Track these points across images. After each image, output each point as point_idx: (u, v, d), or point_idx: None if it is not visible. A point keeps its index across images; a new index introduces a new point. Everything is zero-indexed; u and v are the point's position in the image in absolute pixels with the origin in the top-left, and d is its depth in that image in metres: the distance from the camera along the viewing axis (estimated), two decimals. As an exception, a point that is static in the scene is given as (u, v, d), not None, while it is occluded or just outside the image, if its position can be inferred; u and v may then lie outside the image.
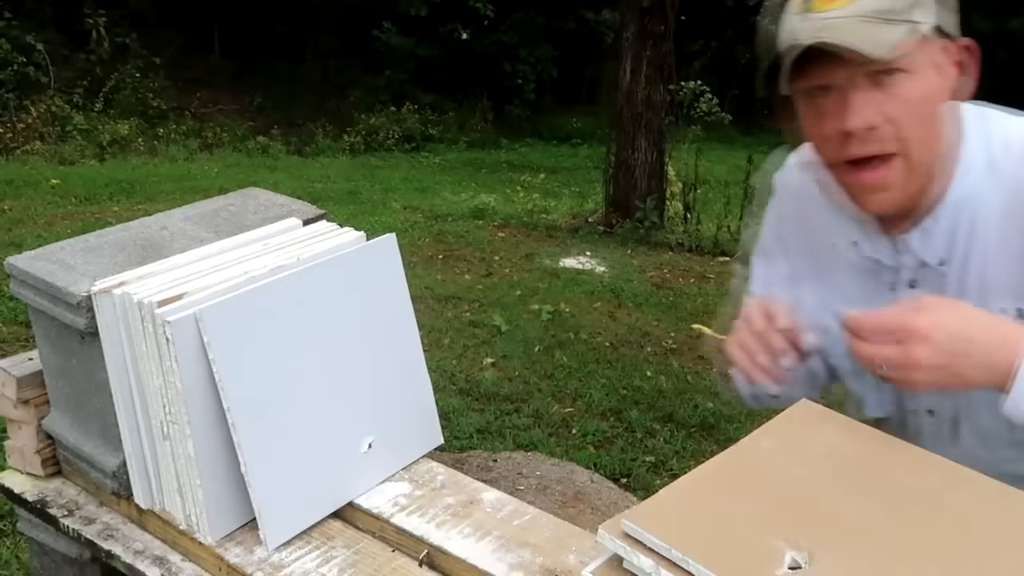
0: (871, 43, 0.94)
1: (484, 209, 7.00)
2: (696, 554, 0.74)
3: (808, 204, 1.23)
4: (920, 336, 0.87)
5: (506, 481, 2.12)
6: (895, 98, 0.97)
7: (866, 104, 0.97)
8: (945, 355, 0.87)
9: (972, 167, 1.04)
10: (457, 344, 4.14)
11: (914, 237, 1.07)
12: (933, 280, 1.08)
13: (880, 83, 0.97)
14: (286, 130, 10.45)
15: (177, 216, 1.26)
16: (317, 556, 1.03)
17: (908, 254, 1.09)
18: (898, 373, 0.90)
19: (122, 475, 1.11)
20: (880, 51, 0.94)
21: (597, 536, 0.82)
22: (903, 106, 0.98)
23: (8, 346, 3.63)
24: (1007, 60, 9.14)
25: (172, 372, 0.98)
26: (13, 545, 2.35)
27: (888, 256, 1.11)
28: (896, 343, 0.89)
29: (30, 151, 8.21)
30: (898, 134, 0.99)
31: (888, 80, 0.97)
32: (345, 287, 1.10)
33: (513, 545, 1.01)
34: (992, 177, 1.04)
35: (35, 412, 1.21)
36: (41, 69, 9.31)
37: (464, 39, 11.07)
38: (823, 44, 0.94)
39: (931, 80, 0.99)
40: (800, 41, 0.97)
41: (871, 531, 0.78)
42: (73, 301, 1.04)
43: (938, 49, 0.99)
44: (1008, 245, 1.03)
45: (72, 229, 5.31)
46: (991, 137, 1.06)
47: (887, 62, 0.95)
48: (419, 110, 10.97)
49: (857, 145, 0.99)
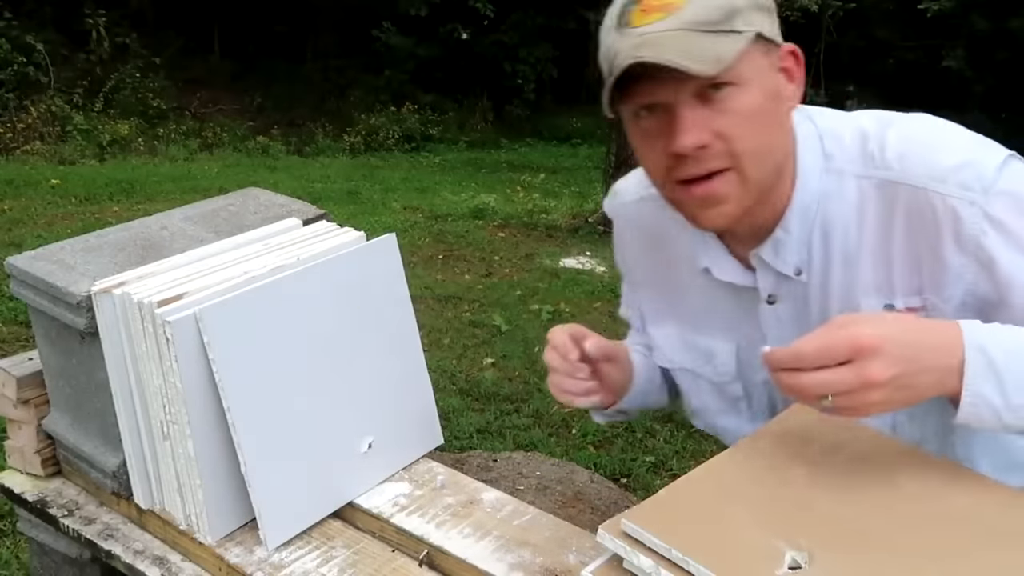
0: (694, 58, 0.88)
1: (484, 209, 7.00)
2: (696, 554, 0.74)
3: (650, 236, 1.19)
4: (871, 350, 0.79)
5: (506, 481, 2.12)
6: (725, 113, 0.92)
7: (695, 122, 0.92)
8: (900, 366, 0.79)
9: (811, 170, 1.01)
10: (457, 344, 4.14)
11: (766, 250, 1.03)
12: (794, 291, 1.05)
13: (708, 98, 0.91)
14: (286, 130, 10.45)
15: (177, 216, 1.26)
16: (317, 556, 1.03)
17: (763, 269, 1.05)
18: (850, 399, 0.80)
19: (122, 475, 1.11)
20: (704, 66, 0.88)
21: (597, 536, 0.82)
22: (734, 121, 0.92)
23: (8, 346, 3.63)
24: (1007, 60, 9.14)
25: (172, 372, 0.98)
26: (13, 545, 2.35)
27: (742, 277, 1.07)
28: (841, 366, 0.79)
29: (30, 151, 8.21)
30: (730, 149, 0.93)
31: (716, 95, 0.91)
32: (345, 287, 1.10)
33: (513, 545, 1.02)
34: (833, 176, 1.01)
35: (35, 412, 1.21)
36: (41, 69, 9.31)
37: (464, 39, 11.06)
38: (643, 63, 0.88)
39: (760, 90, 0.93)
40: (619, 61, 0.91)
41: (871, 531, 0.78)
42: (73, 301, 1.04)
43: (763, 57, 0.94)
44: (865, 241, 1.00)
45: (72, 229, 5.31)
46: (822, 136, 1.02)
47: (712, 77, 0.89)
48: (419, 110, 10.97)
49: (690, 165, 0.94)
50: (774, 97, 0.96)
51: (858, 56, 10.77)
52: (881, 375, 0.78)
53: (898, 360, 0.79)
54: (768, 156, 0.97)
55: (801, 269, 1.03)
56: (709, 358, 1.18)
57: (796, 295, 1.05)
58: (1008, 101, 9.25)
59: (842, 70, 10.39)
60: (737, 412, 1.20)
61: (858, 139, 1.01)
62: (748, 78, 0.92)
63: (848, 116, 1.05)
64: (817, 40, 10.53)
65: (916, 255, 0.97)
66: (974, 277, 0.94)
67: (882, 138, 0.99)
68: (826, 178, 1.01)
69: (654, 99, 0.93)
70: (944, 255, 0.95)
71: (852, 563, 0.74)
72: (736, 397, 1.18)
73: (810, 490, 0.83)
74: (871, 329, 0.80)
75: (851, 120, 1.04)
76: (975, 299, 0.95)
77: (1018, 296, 0.93)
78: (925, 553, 0.75)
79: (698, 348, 1.18)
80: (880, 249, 0.99)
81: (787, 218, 1.01)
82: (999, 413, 0.83)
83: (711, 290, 1.12)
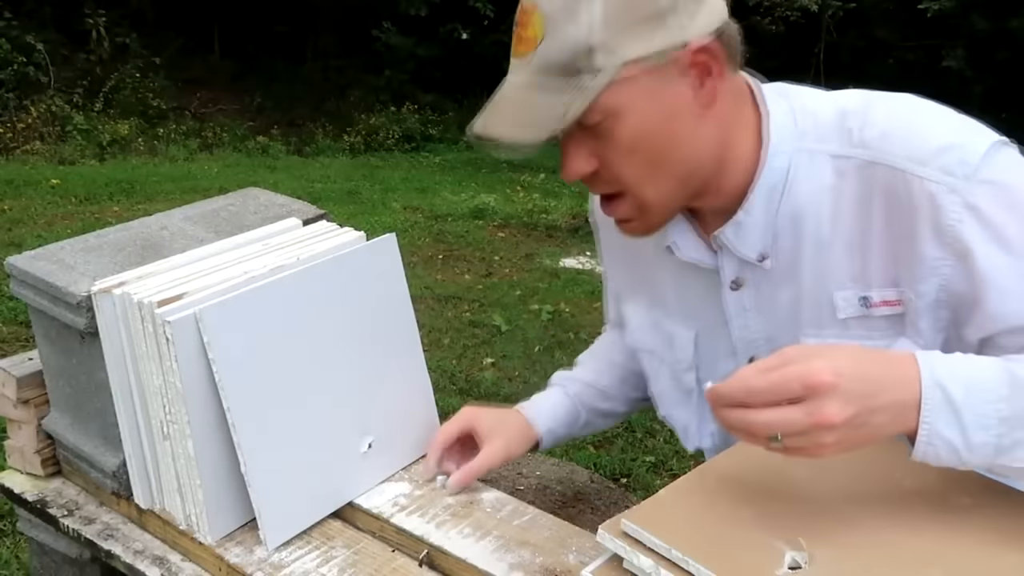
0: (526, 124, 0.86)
1: (484, 209, 7.00)
2: (696, 554, 0.74)
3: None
4: (826, 388, 0.71)
5: (506, 481, 2.12)
6: (606, 141, 0.90)
7: (576, 152, 0.91)
8: (855, 404, 0.72)
9: (780, 148, 0.95)
10: (457, 344, 4.14)
11: (727, 232, 0.98)
12: (760, 278, 1.00)
13: (589, 128, 0.89)
14: (286, 130, 10.44)
15: (177, 216, 1.26)
16: (317, 556, 1.03)
17: (726, 252, 1.01)
18: (802, 440, 0.73)
19: (122, 475, 1.11)
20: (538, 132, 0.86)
21: (597, 536, 0.82)
22: (615, 151, 0.90)
23: (8, 346, 3.63)
24: (1007, 60, 9.13)
25: (172, 372, 0.97)
26: (13, 545, 2.35)
27: (707, 257, 1.03)
28: (792, 404, 0.72)
29: (30, 151, 8.20)
30: (614, 176, 0.92)
31: (595, 127, 0.89)
32: (345, 287, 1.10)
33: (513, 545, 1.01)
34: (804, 155, 0.95)
35: (35, 412, 1.21)
36: (41, 69, 9.30)
37: (464, 39, 11.05)
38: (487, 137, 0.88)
39: (640, 117, 0.88)
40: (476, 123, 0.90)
41: (871, 531, 0.78)
42: (73, 301, 1.04)
43: (645, 77, 0.87)
44: (840, 228, 0.93)
45: (72, 229, 5.31)
46: (795, 112, 0.96)
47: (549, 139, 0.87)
48: (419, 110, 10.95)
49: (589, 186, 0.96)
50: (665, 116, 0.90)
51: (858, 56, 10.76)
52: (836, 416, 0.71)
53: (854, 397, 0.72)
54: (666, 175, 0.93)
55: (766, 255, 0.98)
56: (670, 342, 1.14)
57: (762, 281, 1.00)
58: (1008, 101, 9.25)
59: (842, 70, 10.38)
60: (687, 405, 1.16)
61: (836, 116, 0.95)
62: (623, 107, 0.88)
63: (827, 93, 0.99)
64: (817, 40, 10.53)
65: (894, 244, 0.91)
66: (950, 271, 0.87)
67: (864, 116, 0.93)
68: (798, 158, 0.95)
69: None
70: (920, 245, 0.88)
71: (852, 563, 0.74)
72: (688, 389, 1.14)
73: (810, 490, 0.83)
74: (825, 363, 0.72)
75: (830, 97, 0.98)
76: (949, 296, 0.89)
77: (994, 297, 0.86)
78: (926, 553, 0.75)
79: (662, 330, 1.14)
80: (857, 236, 0.93)
81: (750, 200, 0.96)
82: (958, 452, 0.76)
83: (675, 269, 1.08)
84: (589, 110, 0.86)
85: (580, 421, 1.27)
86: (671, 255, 1.07)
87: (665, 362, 1.16)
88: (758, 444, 0.75)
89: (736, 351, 1.07)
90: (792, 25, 10.14)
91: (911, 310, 0.91)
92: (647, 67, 0.87)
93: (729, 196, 0.97)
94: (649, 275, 1.14)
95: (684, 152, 0.93)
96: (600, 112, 0.87)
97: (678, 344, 1.13)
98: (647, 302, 1.16)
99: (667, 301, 1.13)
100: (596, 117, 0.87)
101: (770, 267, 0.99)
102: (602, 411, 1.30)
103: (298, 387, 1.05)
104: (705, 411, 1.15)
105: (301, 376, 1.05)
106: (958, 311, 0.89)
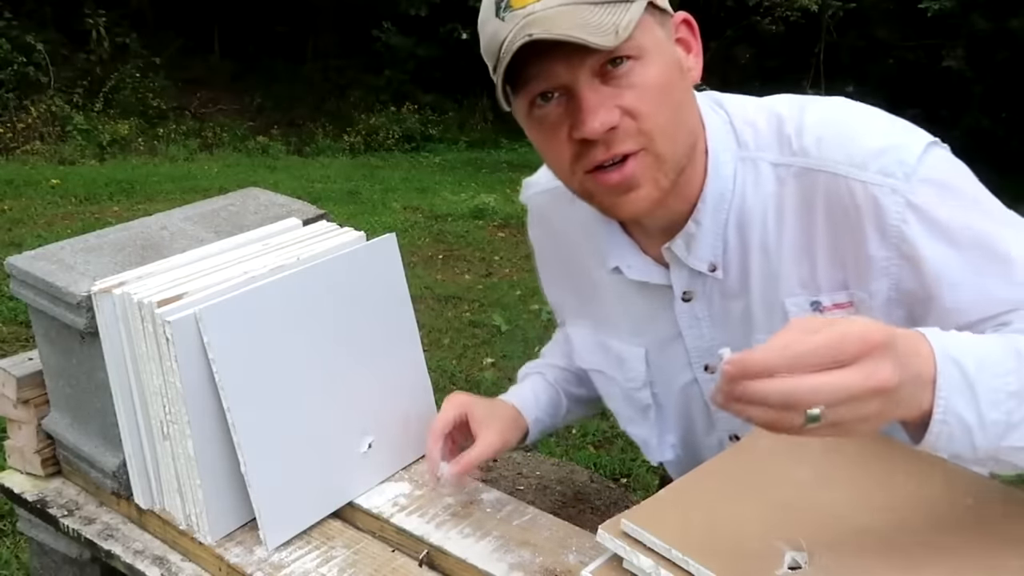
0: (591, 30, 0.79)
1: (484, 209, 6.99)
2: (696, 554, 0.74)
3: (560, 232, 1.13)
4: (884, 346, 0.63)
5: (506, 481, 2.12)
6: (630, 89, 0.84)
7: (600, 103, 0.84)
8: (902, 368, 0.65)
9: (723, 159, 0.94)
10: (457, 344, 4.14)
11: (678, 244, 0.97)
12: (710, 288, 1.00)
13: (608, 76, 0.84)
14: (286, 130, 10.44)
15: (177, 216, 1.26)
16: (317, 556, 1.03)
17: (676, 265, 0.99)
18: (848, 411, 0.63)
19: (122, 475, 1.11)
20: (604, 39, 0.79)
21: (597, 536, 0.82)
22: (641, 96, 0.84)
23: (8, 346, 3.63)
24: (1007, 60, 9.13)
25: (172, 372, 0.97)
26: (13, 545, 2.35)
27: (656, 275, 1.02)
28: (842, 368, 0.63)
29: (30, 151, 8.20)
30: (640, 128, 0.85)
31: (617, 71, 0.84)
32: (345, 287, 1.10)
33: (513, 545, 1.01)
34: (749, 165, 0.94)
35: (35, 412, 1.21)
36: (41, 69, 9.30)
37: (464, 39, 11.04)
38: (537, 40, 0.79)
39: (662, 61, 0.86)
40: (508, 45, 0.82)
41: (871, 531, 0.78)
42: (73, 301, 1.04)
43: (659, 27, 0.87)
44: (786, 234, 0.93)
45: (72, 229, 5.31)
46: (733, 122, 0.96)
47: (611, 51, 0.81)
48: (419, 110, 10.96)
49: (599, 151, 0.86)
50: (677, 68, 0.88)
51: (858, 56, 10.76)
52: (891, 379, 0.64)
53: (900, 360, 0.65)
54: (680, 132, 0.89)
55: (716, 265, 0.98)
56: (620, 363, 1.13)
57: (713, 291, 1.00)
58: (1008, 101, 9.25)
59: (842, 70, 10.38)
60: (645, 421, 1.15)
61: (774, 123, 0.94)
62: (648, 49, 0.85)
63: (761, 101, 0.99)
64: (817, 40, 10.52)
65: (839, 247, 0.91)
66: (899, 271, 0.88)
67: (799, 122, 0.93)
68: (741, 167, 0.94)
69: (551, 84, 0.85)
70: (867, 248, 0.88)
71: (852, 563, 0.74)
72: (645, 405, 1.14)
73: (810, 490, 0.83)
74: (870, 322, 0.65)
75: (765, 104, 0.97)
76: (900, 295, 0.89)
77: (947, 292, 0.86)
78: (925, 554, 0.75)
79: (610, 352, 1.14)
80: (802, 242, 0.93)
81: (699, 210, 0.95)
82: (972, 433, 0.71)
83: (621, 290, 1.07)
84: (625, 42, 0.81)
85: (562, 409, 1.25)
86: (615, 276, 1.06)
87: (616, 382, 1.16)
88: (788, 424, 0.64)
89: (691, 361, 1.08)
90: (792, 25, 10.14)
91: (865, 309, 0.91)
92: (661, 20, 0.88)
93: (682, 201, 0.96)
94: (591, 298, 1.13)
95: (688, 116, 0.91)
96: (632, 48, 0.83)
97: (628, 364, 1.12)
98: (591, 324, 1.15)
99: (612, 321, 1.12)
100: (630, 51, 0.84)
101: (721, 276, 0.99)
102: (577, 396, 1.28)
103: (298, 387, 1.05)
104: (665, 425, 1.14)
105: (301, 376, 1.05)
106: (912, 308, 0.89)
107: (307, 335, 1.06)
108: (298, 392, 1.05)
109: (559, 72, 0.84)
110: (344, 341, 1.10)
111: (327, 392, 1.08)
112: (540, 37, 0.79)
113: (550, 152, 0.91)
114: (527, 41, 0.79)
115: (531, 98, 0.88)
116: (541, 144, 0.92)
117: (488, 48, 0.88)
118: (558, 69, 0.84)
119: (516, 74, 0.85)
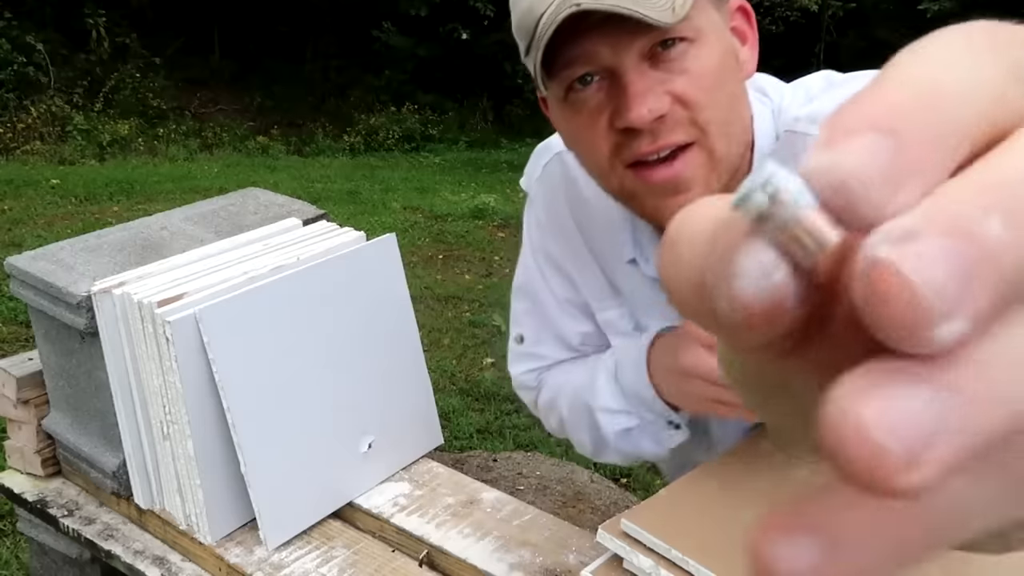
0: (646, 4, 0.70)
1: (484, 209, 7.00)
2: (696, 554, 0.74)
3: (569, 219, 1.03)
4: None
5: (506, 481, 2.12)
6: (683, 74, 0.75)
7: (649, 88, 0.74)
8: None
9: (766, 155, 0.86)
10: (457, 344, 4.14)
11: None
12: None
13: (659, 59, 0.75)
14: (286, 130, 10.45)
15: (177, 216, 1.26)
16: (317, 556, 1.03)
17: None
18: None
19: (122, 475, 1.11)
20: (661, 14, 0.70)
21: (597, 536, 0.82)
22: (694, 83, 0.75)
23: (8, 346, 3.63)
24: (1007, 60, 9.14)
25: (172, 372, 0.97)
26: (13, 545, 2.35)
27: None
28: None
29: (30, 151, 8.20)
30: (693, 118, 0.76)
31: (668, 54, 0.74)
32: (345, 287, 1.10)
33: (513, 545, 1.01)
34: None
35: (35, 412, 1.21)
36: (41, 69, 9.31)
37: (464, 39, 11.05)
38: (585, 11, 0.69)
39: (719, 47, 0.77)
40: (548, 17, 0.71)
41: (871, 531, 0.78)
42: (73, 301, 1.04)
43: (715, 11, 0.78)
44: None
45: (72, 229, 5.31)
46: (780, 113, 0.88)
47: (665, 30, 0.72)
48: (419, 110, 10.96)
49: (645, 141, 0.76)
50: (730, 58, 0.79)
51: (858, 56, 10.76)
52: None
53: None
54: (735, 129, 0.80)
55: None
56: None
57: None
58: (1008, 101, 9.26)
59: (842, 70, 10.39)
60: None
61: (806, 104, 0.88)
62: (704, 32, 0.76)
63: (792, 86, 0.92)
64: (817, 40, 10.53)
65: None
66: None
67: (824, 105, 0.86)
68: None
69: (593, 65, 0.76)
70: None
71: (852, 563, 0.74)
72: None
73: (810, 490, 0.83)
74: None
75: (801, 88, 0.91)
76: None
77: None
78: (925, 553, 0.75)
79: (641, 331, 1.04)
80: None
81: None
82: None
83: (635, 285, 1.00)
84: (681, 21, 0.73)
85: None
86: (630, 271, 0.99)
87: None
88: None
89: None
90: (792, 25, 10.15)
91: None
92: (717, 3, 0.78)
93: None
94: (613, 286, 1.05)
95: (743, 112, 0.82)
96: (688, 28, 0.75)
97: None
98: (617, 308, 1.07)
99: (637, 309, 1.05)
100: (686, 31, 0.75)
101: None
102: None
103: (298, 387, 1.05)
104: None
105: (301, 376, 1.05)
106: None
107: (307, 335, 1.06)
108: (298, 392, 1.05)
109: (603, 53, 0.75)
110: (344, 341, 1.10)
111: (327, 392, 1.08)
112: (590, 7, 0.69)
113: (585, 143, 0.81)
114: (574, 11, 0.70)
115: (568, 83, 0.78)
116: (575, 134, 0.82)
117: (521, 24, 0.77)
118: (602, 50, 0.74)
119: (552, 56, 0.75)
